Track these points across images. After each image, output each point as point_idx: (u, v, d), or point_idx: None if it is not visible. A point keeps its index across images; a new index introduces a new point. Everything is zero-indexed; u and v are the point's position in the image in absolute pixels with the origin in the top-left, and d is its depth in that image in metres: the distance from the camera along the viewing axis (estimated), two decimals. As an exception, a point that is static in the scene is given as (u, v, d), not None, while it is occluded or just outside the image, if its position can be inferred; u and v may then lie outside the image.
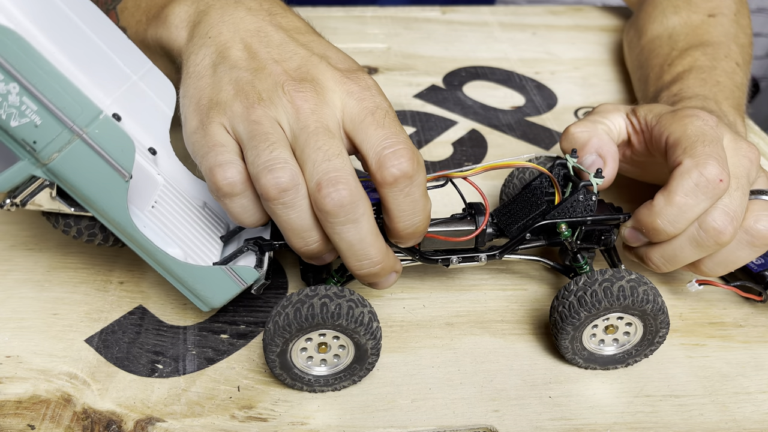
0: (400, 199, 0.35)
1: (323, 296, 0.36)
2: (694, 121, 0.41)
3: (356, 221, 0.34)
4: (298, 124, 0.35)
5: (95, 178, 0.33)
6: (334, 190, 0.33)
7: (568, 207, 0.40)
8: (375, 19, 0.80)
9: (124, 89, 0.41)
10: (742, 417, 0.38)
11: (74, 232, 0.37)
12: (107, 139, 0.32)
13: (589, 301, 0.37)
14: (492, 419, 0.38)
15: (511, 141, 0.60)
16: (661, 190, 0.39)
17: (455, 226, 0.41)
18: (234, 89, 0.37)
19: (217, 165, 0.35)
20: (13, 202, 0.33)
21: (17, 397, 0.37)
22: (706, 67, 0.54)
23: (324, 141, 0.35)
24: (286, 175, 0.34)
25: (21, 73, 0.29)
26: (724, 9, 0.61)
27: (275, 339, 0.35)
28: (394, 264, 0.37)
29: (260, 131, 0.35)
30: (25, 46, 0.29)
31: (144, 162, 0.41)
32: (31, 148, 0.31)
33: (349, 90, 0.37)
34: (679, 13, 0.62)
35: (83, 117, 0.31)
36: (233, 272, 0.37)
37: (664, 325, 0.38)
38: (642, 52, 0.63)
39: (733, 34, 0.59)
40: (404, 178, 0.34)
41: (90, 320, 0.42)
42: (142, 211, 0.38)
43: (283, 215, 0.35)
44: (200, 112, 0.37)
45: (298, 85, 0.36)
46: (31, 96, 0.29)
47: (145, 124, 0.42)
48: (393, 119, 0.36)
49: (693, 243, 0.39)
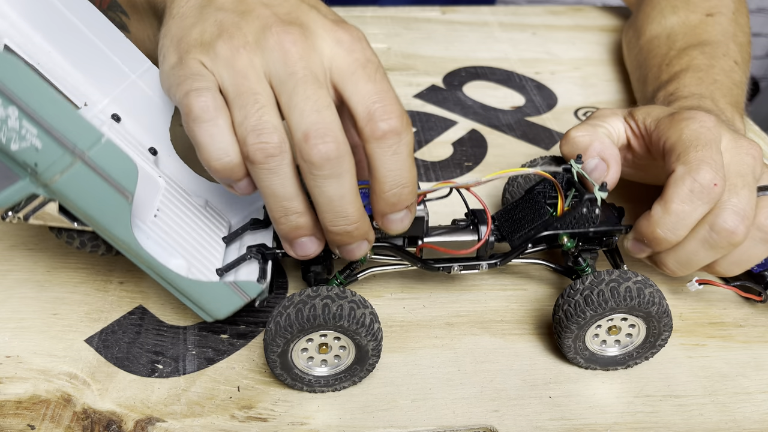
0: (388, 156, 0.34)
1: (325, 297, 0.36)
2: (690, 124, 0.40)
3: (340, 176, 0.33)
4: (285, 69, 0.34)
5: (98, 199, 0.33)
6: (321, 141, 0.33)
7: (570, 219, 0.40)
8: (375, 19, 0.80)
9: (123, 88, 0.41)
10: (742, 417, 0.38)
11: (77, 244, 0.37)
12: (109, 162, 0.32)
13: (596, 300, 0.37)
14: (492, 419, 0.38)
15: (511, 141, 0.60)
16: (658, 199, 0.39)
17: (457, 235, 0.41)
18: (218, 29, 0.35)
19: (193, 90, 0.34)
20: (16, 215, 0.33)
21: (17, 397, 0.37)
22: (704, 66, 0.54)
23: (313, 90, 0.34)
24: (274, 140, 0.33)
25: (20, 97, 0.29)
26: (723, 8, 0.61)
27: (276, 339, 0.35)
28: (368, 231, 0.36)
29: (248, 88, 0.34)
30: (24, 71, 0.28)
31: (146, 165, 0.40)
32: (33, 170, 0.30)
33: (339, 38, 0.35)
34: (678, 12, 0.62)
35: (84, 141, 0.31)
36: (237, 287, 0.37)
37: (667, 329, 0.38)
38: (640, 52, 0.63)
39: (732, 32, 0.59)
40: (393, 134, 0.34)
41: (90, 320, 0.42)
42: (145, 222, 0.37)
43: (266, 180, 0.34)
44: (180, 50, 0.36)
45: (287, 27, 0.35)
46: (31, 120, 0.29)
47: (145, 123, 0.42)
48: (383, 75, 0.35)
49: (706, 246, 0.39)
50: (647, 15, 0.65)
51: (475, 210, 0.42)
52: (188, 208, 0.41)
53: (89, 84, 0.40)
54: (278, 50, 0.34)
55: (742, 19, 0.62)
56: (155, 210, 0.39)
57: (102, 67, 0.40)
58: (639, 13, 0.67)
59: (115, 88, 0.41)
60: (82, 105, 0.40)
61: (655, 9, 0.64)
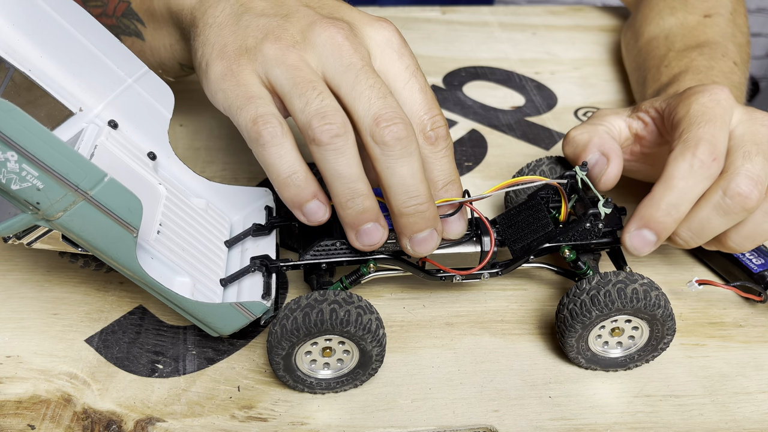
0: (439, 159, 0.37)
1: (332, 302, 0.35)
2: (699, 98, 0.40)
3: (411, 155, 0.35)
4: (341, 61, 0.36)
5: (102, 234, 0.32)
6: (392, 123, 0.34)
7: (573, 232, 0.40)
8: (375, 19, 0.80)
9: (119, 93, 0.41)
10: (742, 417, 0.38)
11: (81, 263, 0.37)
12: (113, 200, 0.32)
13: (602, 300, 0.37)
14: (492, 419, 0.38)
15: (511, 141, 0.60)
16: (658, 180, 0.39)
17: (460, 248, 0.41)
18: (263, 33, 0.36)
19: (260, 117, 0.35)
20: (19, 241, 0.33)
21: (17, 397, 0.37)
22: (703, 67, 0.54)
23: (375, 79, 0.35)
24: (338, 120, 0.34)
25: (17, 141, 0.28)
26: (720, 9, 0.61)
27: (282, 342, 0.35)
28: (436, 216, 0.37)
29: (303, 78, 0.35)
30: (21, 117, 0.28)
31: (146, 174, 0.40)
32: (35, 208, 0.30)
33: (388, 40, 0.38)
34: (675, 14, 0.62)
35: (87, 181, 0.31)
36: (243, 307, 0.37)
37: (671, 332, 0.38)
38: (639, 53, 0.63)
39: (730, 33, 0.59)
40: (442, 140, 0.37)
41: (90, 320, 0.42)
42: (148, 241, 0.37)
43: (332, 161, 0.35)
44: (227, 58, 0.37)
45: (335, 22, 0.36)
46: (30, 163, 0.29)
47: (143, 127, 0.42)
48: (429, 88, 0.38)
49: (719, 211, 0.39)
50: (645, 16, 0.65)
51: (478, 220, 0.41)
52: (189, 214, 0.41)
53: (83, 89, 0.40)
54: (331, 45, 0.36)
55: (740, 19, 0.62)
56: (157, 225, 0.39)
57: (96, 72, 0.40)
58: (637, 14, 0.67)
59: (110, 93, 0.41)
60: (77, 110, 0.40)
61: (653, 10, 0.64)
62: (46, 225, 0.31)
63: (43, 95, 0.39)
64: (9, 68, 0.38)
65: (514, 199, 0.48)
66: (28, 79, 0.38)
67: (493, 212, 0.52)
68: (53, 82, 0.39)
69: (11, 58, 0.38)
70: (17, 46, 0.38)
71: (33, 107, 0.39)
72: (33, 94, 0.39)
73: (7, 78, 0.38)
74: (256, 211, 0.44)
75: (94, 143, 0.39)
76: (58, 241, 0.33)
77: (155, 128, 0.42)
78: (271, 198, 0.44)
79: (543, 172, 0.47)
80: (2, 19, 0.37)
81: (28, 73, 0.38)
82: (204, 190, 0.44)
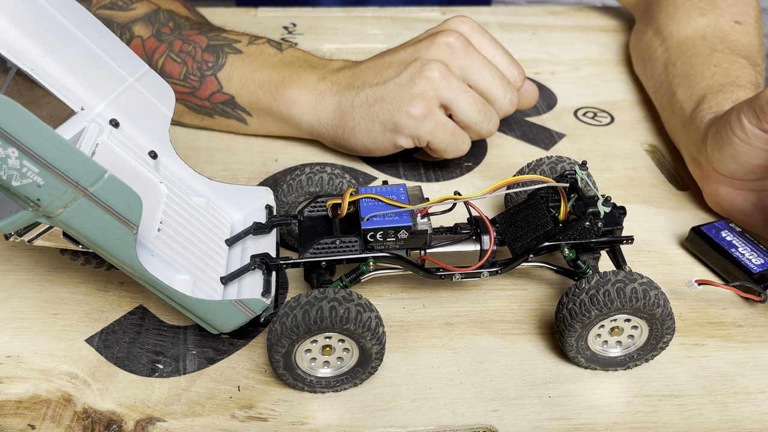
0: None
1: (332, 299, 0.36)
2: None
3: None
4: None
5: (102, 230, 0.33)
6: None
7: (573, 231, 0.40)
8: (375, 19, 0.80)
9: (121, 92, 0.41)
10: (742, 417, 0.38)
11: (82, 261, 0.37)
12: (113, 196, 0.32)
13: (602, 300, 0.37)
14: (492, 419, 0.38)
15: (510, 141, 0.61)
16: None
17: (459, 246, 0.41)
18: (418, 71, 0.51)
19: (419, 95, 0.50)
20: (20, 238, 0.33)
21: (18, 396, 0.37)
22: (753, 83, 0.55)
23: None
24: None
25: (19, 139, 0.28)
26: (748, 17, 0.61)
27: (282, 340, 0.35)
28: None
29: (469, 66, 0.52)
30: (22, 114, 0.28)
31: (147, 172, 0.40)
32: (35, 204, 0.30)
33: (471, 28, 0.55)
34: (707, 15, 0.61)
35: (87, 178, 0.31)
36: (242, 304, 0.37)
37: (670, 332, 0.38)
38: (669, 51, 0.62)
39: (757, 45, 0.60)
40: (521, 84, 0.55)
41: (90, 320, 0.42)
42: (148, 239, 0.37)
43: None
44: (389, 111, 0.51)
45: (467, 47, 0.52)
46: (31, 159, 0.29)
47: (144, 126, 0.42)
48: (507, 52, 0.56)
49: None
50: (670, 15, 0.64)
51: (477, 218, 0.42)
52: (190, 213, 0.41)
53: (85, 88, 0.40)
54: (472, 59, 0.52)
55: (761, 28, 0.62)
56: (158, 223, 0.39)
57: (98, 71, 0.40)
58: (657, 13, 0.66)
59: (111, 92, 0.41)
60: (79, 109, 0.40)
61: (679, 10, 0.64)
62: (47, 222, 0.32)
63: (45, 94, 0.39)
64: (11, 67, 0.38)
65: (514, 198, 0.48)
66: (30, 79, 0.38)
67: (493, 212, 0.52)
68: (55, 81, 0.39)
69: (13, 57, 0.38)
70: (19, 45, 0.38)
71: (35, 106, 0.39)
72: (35, 93, 0.39)
73: (9, 77, 0.38)
74: (256, 210, 0.44)
75: (95, 142, 0.39)
76: (58, 238, 0.33)
77: (156, 127, 0.42)
78: (271, 197, 0.45)
79: (543, 171, 0.47)
80: (4, 18, 0.37)
81: (30, 72, 0.38)
82: (205, 188, 0.44)
